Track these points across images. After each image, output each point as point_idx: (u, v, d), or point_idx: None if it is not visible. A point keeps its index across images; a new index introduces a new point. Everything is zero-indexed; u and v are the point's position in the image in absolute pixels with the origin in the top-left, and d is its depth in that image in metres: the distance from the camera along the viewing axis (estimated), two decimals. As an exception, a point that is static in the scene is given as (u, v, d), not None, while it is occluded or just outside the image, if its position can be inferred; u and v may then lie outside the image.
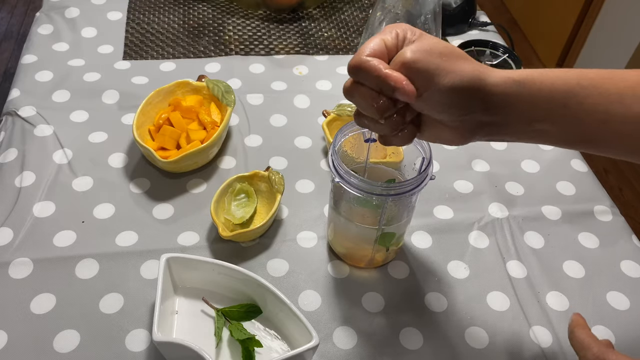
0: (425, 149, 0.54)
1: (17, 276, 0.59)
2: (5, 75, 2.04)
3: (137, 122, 0.70)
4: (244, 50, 0.91)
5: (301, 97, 0.84)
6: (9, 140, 0.73)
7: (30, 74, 0.83)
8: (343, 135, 0.56)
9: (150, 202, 0.68)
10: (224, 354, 0.54)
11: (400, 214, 0.58)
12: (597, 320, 0.60)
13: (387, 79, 0.40)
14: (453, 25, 0.96)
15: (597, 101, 0.42)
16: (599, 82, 0.42)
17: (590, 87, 0.42)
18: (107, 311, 0.57)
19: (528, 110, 0.43)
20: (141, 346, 0.54)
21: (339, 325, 0.57)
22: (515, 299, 0.61)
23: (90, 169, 0.71)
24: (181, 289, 0.58)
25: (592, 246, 0.67)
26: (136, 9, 0.98)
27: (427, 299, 0.60)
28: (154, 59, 0.88)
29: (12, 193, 0.67)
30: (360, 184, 0.51)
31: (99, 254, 0.61)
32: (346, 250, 0.63)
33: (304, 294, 0.60)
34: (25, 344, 0.54)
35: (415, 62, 0.41)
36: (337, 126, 0.75)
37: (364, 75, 0.41)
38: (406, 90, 0.40)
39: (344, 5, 1.03)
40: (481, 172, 0.75)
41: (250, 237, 0.64)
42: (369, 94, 0.42)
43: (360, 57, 0.41)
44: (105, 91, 0.82)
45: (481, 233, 0.67)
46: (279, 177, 0.66)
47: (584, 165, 0.77)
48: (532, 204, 0.71)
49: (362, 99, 0.42)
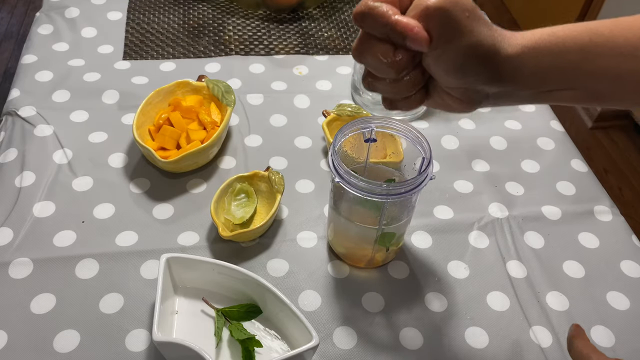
0: (425, 149, 0.54)
1: (17, 276, 0.59)
2: (5, 75, 2.04)
3: (137, 122, 0.70)
4: (244, 50, 0.91)
5: (301, 97, 0.84)
6: (9, 140, 0.73)
7: (30, 74, 0.83)
8: (343, 135, 0.56)
9: (150, 202, 0.68)
10: (224, 354, 0.54)
11: (400, 214, 0.58)
12: (597, 320, 0.60)
13: (396, 26, 0.36)
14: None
15: (610, 59, 0.39)
16: (611, 38, 0.40)
17: (602, 44, 0.39)
18: (107, 311, 0.57)
19: (539, 78, 0.41)
20: (141, 346, 0.54)
21: (339, 325, 0.57)
22: (515, 299, 0.61)
23: (90, 169, 0.71)
24: (181, 289, 0.58)
25: (592, 246, 0.67)
26: (136, 9, 0.98)
27: (427, 299, 0.60)
28: (154, 59, 0.88)
29: (12, 193, 0.67)
30: (360, 184, 0.51)
31: (99, 254, 0.61)
32: (346, 250, 0.63)
33: (304, 294, 0.60)
34: (25, 344, 0.54)
35: (438, 10, 0.37)
36: (337, 126, 0.75)
37: (370, 23, 0.37)
38: (418, 37, 0.36)
39: (344, 5, 1.03)
40: (481, 172, 0.75)
41: (250, 237, 0.64)
42: (382, 48, 0.38)
43: (367, 2, 0.37)
44: (105, 91, 0.82)
45: (481, 233, 0.67)
46: (279, 177, 0.66)
47: (584, 165, 0.77)
48: (532, 204, 0.71)
49: (372, 58, 0.38)
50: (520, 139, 0.80)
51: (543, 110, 0.86)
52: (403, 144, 0.62)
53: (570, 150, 0.79)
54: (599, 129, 1.97)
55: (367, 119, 0.57)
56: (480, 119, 0.82)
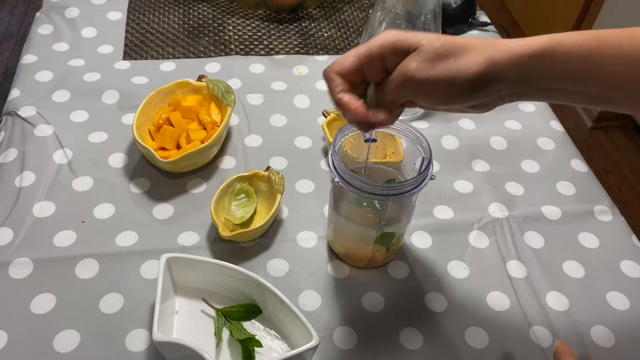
0: (425, 149, 0.54)
1: (17, 276, 0.59)
2: (5, 75, 2.04)
3: (137, 122, 0.70)
4: (244, 50, 0.91)
5: (301, 97, 0.84)
6: (9, 140, 0.73)
7: (30, 74, 0.83)
8: (343, 135, 0.56)
9: (150, 202, 0.68)
10: (224, 354, 0.54)
11: (400, 214, 0.58)
12: (597, 320, 0.60)
13: (338, 102, 0.42)
14: (453, 25, 0.96)
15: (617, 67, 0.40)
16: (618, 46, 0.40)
17: (609, 53, 0.40)
18: (107, 311, 0.57)
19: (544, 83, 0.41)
20: (141, 346, 0.54)
21: (339, 325, 0.57)
22: (515, 299, 0.61)
23: (90, 169, 0.71)
24: (181, 289, 0.58)
25: (592, 246, 0.67)
26: (136, 9, 0.98)
27: (427, 299, 0.60)
28: (154, 59, 0.88)
29: (12, 193, 0.67)
30: (360, 184, 0.51)
31: (99, 254, 0.61)
32: (346, 250, 0.63)
33: (304, 294, 0.60)
34: (25, 344, 0.54)
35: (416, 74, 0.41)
36: (337, 126, 0.75)
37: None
38: (357, 116, 0.42)
39: (344, 5, 1.03)
40: (481, 172, 0.75)
41: (250, 237, 0.64)
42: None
43: (327, 71, 0.43)
44: (105, 91, 0.82)
45: (481, 233, 0.67)
46: (279, 177, 0.66)
47: (584, 165, 0.77)
48: (532, 204, 0.71)
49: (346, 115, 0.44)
50: (520, 139, 0.80)
51: (543, 110, 0.86)
52: (403, 144, 0.62)
53: (570, 150, 0.79)
54: (599, 129, 1.97)
55: (367, 119, 0.57)
56: (480, 119, 0.82)
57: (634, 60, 0.39)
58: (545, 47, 0.40)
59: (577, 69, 0.40)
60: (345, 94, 0.43)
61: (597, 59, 0.40)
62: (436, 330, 0.58)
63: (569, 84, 0.41)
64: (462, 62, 0.40)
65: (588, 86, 0.41)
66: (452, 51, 0.41)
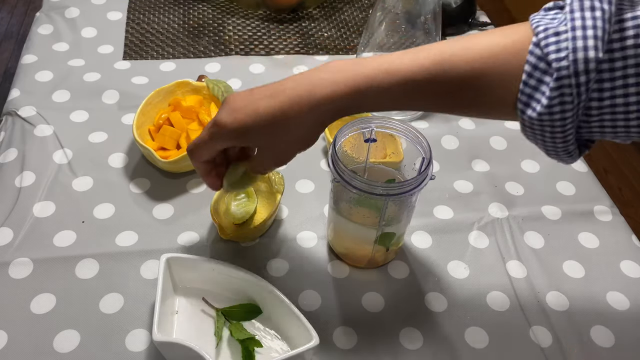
0: (425, 149, 0.54)
1: (17, 276, 0.59)
2: (5, 75, 2.04)
3: (137, 122, 0.70)
4: (244, 50, 0.91)
5: (301, 97, 0.83)
6: (9, 140, 0.73)
7: (30, 74, 0.83)
8: (343, 135, 0.56)
9: (150, 202, 0.68)
10: (224, 354, 0.54)
11: (400, 214, 0.58)
12: (597, 320, 0.59)
13: (202, 179, 0.55)
14: (453, 25, 0.96)
15: (454, 80, 0.43)
16: (452, 59, 0.43)
17: (447, 67, 0.43)
18: (107, 311, 0.57)
19: (383, 102, 0.46)
20: (141, 346, 0.54)
21: (339, 325, 0.57)
22: (515, 299, 0.61)
23: (90, 169, 0.71)
24: (181, 289, 0.58)
25: (592, 246, 0.67)
26: (136, 9, 0.98)
27: (427, 299, 0.60)
28: (154, 59, 0.88)
29: (12, 193, 0.67)
30: (360, 184, 0.51)
31: (99, 254, 0.61)
32: (346, 250, 0.63)
33: (304, 294, 0.60)
34: (25, 344, 0.54)
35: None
36: (337, 126, 0.74)
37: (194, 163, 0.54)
38: (212, 187, 0.54)
39: (344, 5, 1.03)
40: (481, 172, 0.75)
41: (250, 237, 0.64)
42: (201, 169, 0.54)
43: (191, 150, 0.53)
44: (105, 91, 0.82)
45: (481, 233, 0.67)
46: (279, 177, 0.66)
47: (584, 165, 0.77)
48: (532, 204, 0.71)
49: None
50: (520, 138, 0.79)
51: (543, 110, 0.86)
52: (403, 144, 0.62)
53: (570, 150, 0.79)
54: (599, 129, 1.96)
55: (367, 119, 0.57)
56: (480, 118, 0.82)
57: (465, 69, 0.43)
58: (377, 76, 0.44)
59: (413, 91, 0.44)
60: (207, 178, 0.54)
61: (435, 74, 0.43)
62: (436, 330, 0.58)
63: (405, 104, 0.46)
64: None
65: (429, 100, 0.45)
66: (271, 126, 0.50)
